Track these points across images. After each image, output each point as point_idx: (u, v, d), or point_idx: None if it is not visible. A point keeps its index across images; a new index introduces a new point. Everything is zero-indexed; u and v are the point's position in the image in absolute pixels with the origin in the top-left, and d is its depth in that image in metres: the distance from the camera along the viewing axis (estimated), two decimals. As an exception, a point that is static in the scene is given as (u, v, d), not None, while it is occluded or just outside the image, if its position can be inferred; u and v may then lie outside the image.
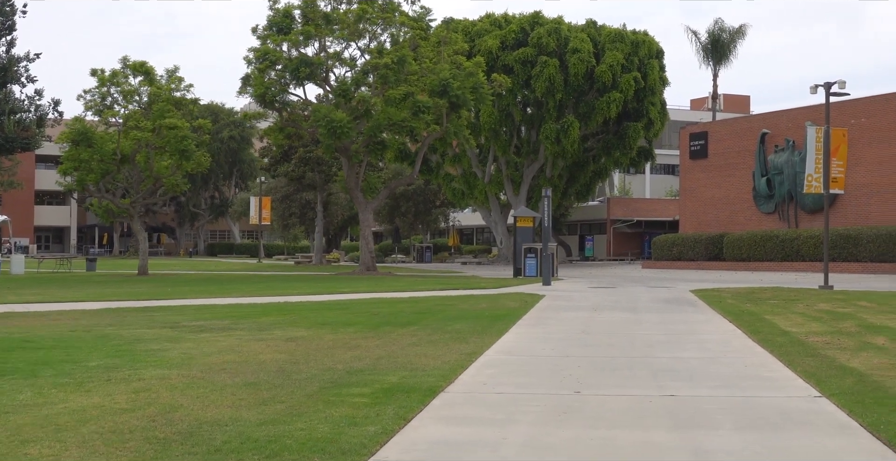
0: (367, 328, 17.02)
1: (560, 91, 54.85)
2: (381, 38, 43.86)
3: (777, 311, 19.96)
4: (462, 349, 13.88)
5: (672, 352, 13.81)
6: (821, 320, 17.86)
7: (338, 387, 10.42)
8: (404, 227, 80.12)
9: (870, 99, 43.31)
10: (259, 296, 26.90)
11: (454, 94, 40.41)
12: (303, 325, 17.62)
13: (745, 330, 16.38)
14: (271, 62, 40.95)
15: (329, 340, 15.16)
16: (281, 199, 74.30)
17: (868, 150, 42.21)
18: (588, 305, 22.74)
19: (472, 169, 61.60)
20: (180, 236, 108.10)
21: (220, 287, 32.91)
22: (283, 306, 22.93)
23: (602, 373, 11.76)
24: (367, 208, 44.67)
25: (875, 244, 39.36)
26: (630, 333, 16.24)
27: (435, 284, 33.22)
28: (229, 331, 16.75)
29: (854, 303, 22.39)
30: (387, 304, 23.22)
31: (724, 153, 50.61)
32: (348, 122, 39.47)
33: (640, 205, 73.14)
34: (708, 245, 48.07)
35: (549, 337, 15.78)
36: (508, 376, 11.48)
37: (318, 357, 13.06)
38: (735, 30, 68.86)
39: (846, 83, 30.07)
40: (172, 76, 44.67)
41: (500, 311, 20.60)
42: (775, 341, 14.59)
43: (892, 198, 41.73)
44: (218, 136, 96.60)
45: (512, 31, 56.07)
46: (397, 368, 11.92)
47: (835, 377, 11.02)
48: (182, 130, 41.80)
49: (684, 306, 22.28)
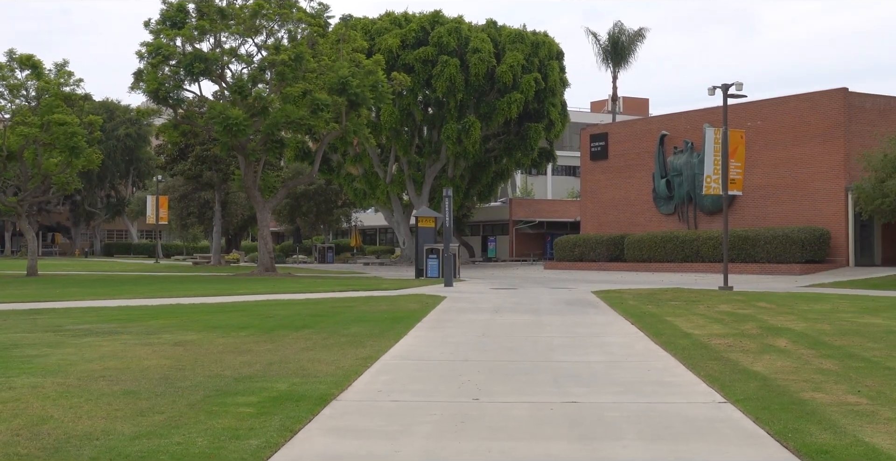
0: (260, 331, 16.40)
1: (461, 91, 54.59)
2: (278, 34, 43.05)
3: (679, 313, 19.82)
4: (358, 354, 13.38)
5: (574, 355, 13.47)
6: (722, 322, 17.73)
7: (223, 395, 9.85)
8: (306, 228, 79.13)
9: (765, 102, 43.85)
10: (151, 298, 26.02)
11: (353, 92, 39.78)
12: (194, 329, 16.94)
13: (648, 332, 16.14)
14: (164, 57, 39.83)
15: (220, 344, 14.55)
16: (179, 198, 72.68)
17: (764, 152, 42.70)
18: (489, 307, 22.37)
19: (374, 169, 60.99)
20: (76, 236, 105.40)
21: (111, 288, 31.82)
22: (176, 308, 22.13)
23: (502, 378, 11.35)
24: (265, 208, 43.79)
25: (772, 245, 39.79)
26: (531, 336, 15.89)
27: (335, 286, 32.59)
28: (115, 335, 16.01)
29: (754, 304, 22.41)
30: (283, 307, 22.58)
31: (624, 154, 50.83)
32: (245, 119, 38.58)
33: (542, 206, 73.24)
34: (609, 246, 48.17)
35: (448, 340, 15.34)
36: (405, 383, 11.00)
37: (206, 363, 12.48)
38: (634, 33, 69.38)
39: (743, 85, 30.23)
40: (62, 70, 43.09)
41: (399, 314, 20.11)
42: (678, 344, 14.35)
43: (788, 199, 42.29)
44: (114, 134, 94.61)
45: (412, 30, 55.62)
46: (288, 375, 11.39)
47: (739, 381, 10.77)
48: (72, 126, 40.29)
49: (586, 308, 22.05)
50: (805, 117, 41.81)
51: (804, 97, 42.25)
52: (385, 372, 11.78)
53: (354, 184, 62.51)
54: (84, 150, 41.27)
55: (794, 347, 13.86)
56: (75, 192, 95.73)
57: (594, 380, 11.10)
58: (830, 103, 41.01)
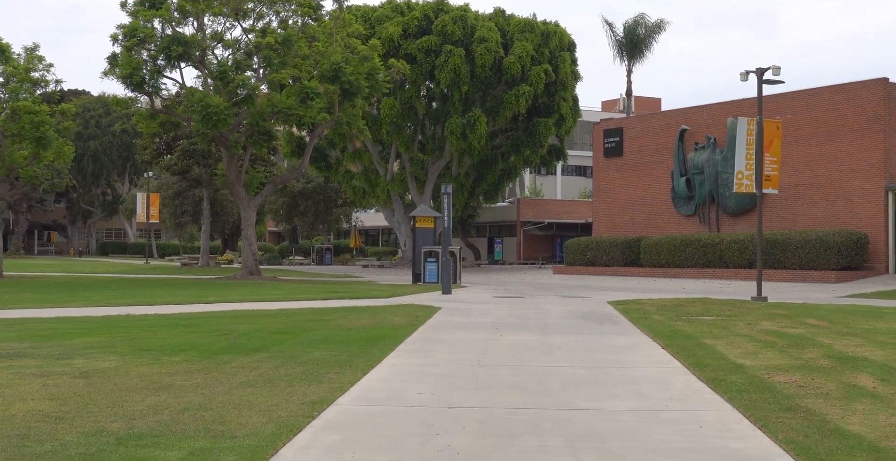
0: (200, 356, 13.09)
1: (466, 83, 51.35)
2: (269, 17, 39.64)
3: (717, 333, 16.40)
4: (309, 394, 10.07)
5: (596, 398, 10.10)
6: (775, 347, 14.30)
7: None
8: (304, 227, 75.80)
9: (796, 94, 40.28)
10: (103, 307, 22.72)
11: (346, 80, 36.37)
12: (120, 350, 13.64)
13: (686, 361, 12.75)
14: (140, 40, 36.42)
15: (136, 376, 11.28)
16: (173, 195, 69.41)
17: (794, 148, 39.12)
18: (489, 322, 18.95)
19: (374, 166, 57.73)
20: (72, 234, 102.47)
21: (68, 294, 28.46)
22: (118, 321, 18.73)
23: (495, 442, 7.99)
24: (250, 205, 40.34)
25: (804, 250, 36.29)
26: (539, 366, 12.51)
27: (319, 292, 29.18)
28: (16, 359, 12.75)
29: (801, 320, 18.99)
30: (248, 319, 19.21)
31: (640, 151, 47.33)
32: (226, 108, 35.11)
33: (551, 206, 69.98)
34: (624, 249, 44.61)
35: (431, 371, 11.98)
36: (356, 450, 7.64)
37: (100, 407, 9.25)
38: (653, 24, 65.89)
39: (780, 69, 26.82)
40: (31, 54, 39.59)
41: (380, 331, 16.73)
42: (730, 381, 10.96)
43: (821, 200, 38.84)
44: (110, 129, 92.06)
45: (415, 18, 52.35)
46: (196, 432, 8.11)
47: (840, 453, 7.38)
48: (40, 115, 36.81)
49: (604, 324, 18.62)
50: (840, 110, 38.28)
51: (839, 88, 38.61)
52: (334, 428, 8.45)
53: (353, 181, 59.28)
54: (53, 142, 37.73)
55: (888, 390, 10.44)
56: (71, 189, 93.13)
57: (627, 449, 7.73)
58: (869, 95, 37.42)
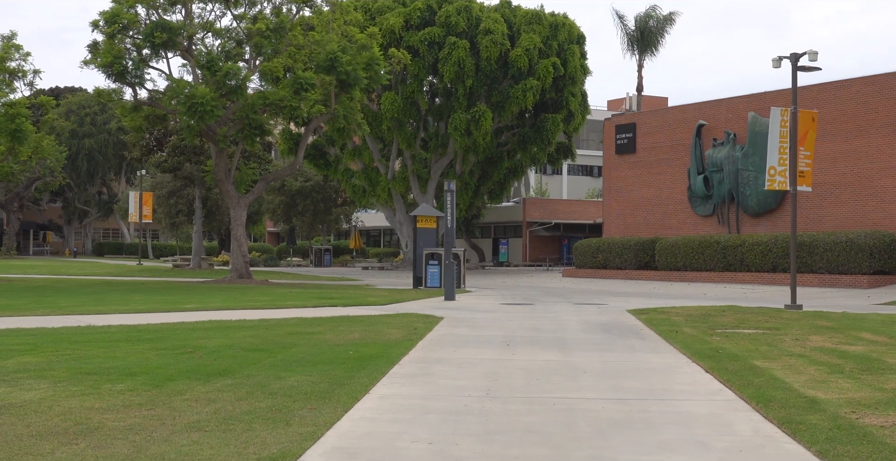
0: (149, 383, 10.75)
1: (471, 77, 49.00)
2: (262, 4, 37.23)
3: (764, 351, 13.99)
4: (269, 443, 7.71)
5: (642, 449, 7.69)
6: (844, 372, 11.86)
7: None
8: (302, 228, 73.32)
9: (823, 86, 37.84)
10: (67, 315, 20.34)
11: (343, 70, 33.96)
12: (56, 375, 11.30)
13: (742, 392, 10.35)
14: (123, 26, 34.06)
15: (60, 412, 8.95)
16: (167, 194, 66.96)
17: (820, 144, 36.39)
18: (498, 336, 16.54)
19: (375, 164, 55.35)
20: (68, 234, 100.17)
21: (36, 300, 26.02)
22: (75, 334, 16.31)
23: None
24: (240, 204, 37.91)
25: (833, 253, 33.83)
26: (562, 398, 10.13)
27: (309, 298, 26.75)
28: (-79, 387, 10.38)
29: (854, 335, 16.60)
30: (222, 332, 16.82)
31: (654, 147, 44.87)
32: (213, 99, 32.71)
33: (558, 206, 67.55)
34: (638, 251, 42.10)
35: (431, 406, 9.60)
36: None
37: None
38: (664, 17, 63.52)
39: (817, 55, 24.42)
40: (7, 43, 37.16)
41: (372, 348, 14.34)
42: (809, 424, 8.56)
43: (849, 199, 36.41)
44: (105, 127, 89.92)
45: (417, 9, 50.00)
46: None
47: None
48: (16, 108, 34.40)
49: (629, 339, 16.20)
50: (871, 104, 35.83)
51: (870, 80, 36.13)
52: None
53: (353, 180, 56.94)
54: (30, 135, 35.33)
55: None
56: (65, 188, 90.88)
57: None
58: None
